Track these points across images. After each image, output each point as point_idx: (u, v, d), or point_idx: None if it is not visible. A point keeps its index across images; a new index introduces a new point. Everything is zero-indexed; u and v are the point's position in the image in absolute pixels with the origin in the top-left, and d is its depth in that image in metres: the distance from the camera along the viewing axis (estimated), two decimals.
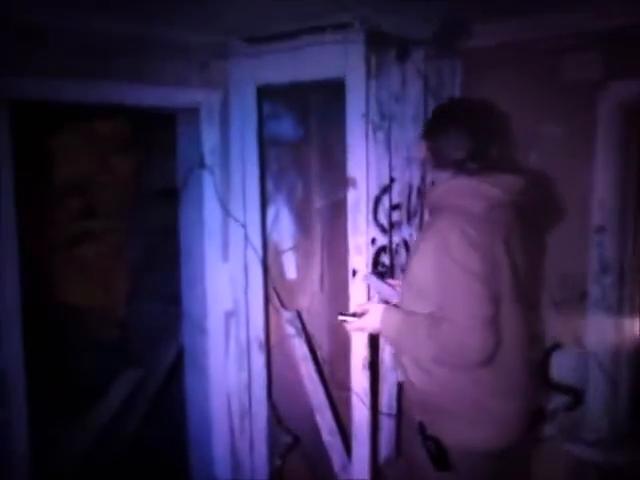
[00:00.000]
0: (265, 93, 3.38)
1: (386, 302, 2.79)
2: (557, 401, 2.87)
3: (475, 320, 2.23)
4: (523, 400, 2.49)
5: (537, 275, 3.07)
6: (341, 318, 2.70)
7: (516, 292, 2.41)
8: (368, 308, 2.63)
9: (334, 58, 2.98)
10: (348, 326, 2.68)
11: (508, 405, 2.44)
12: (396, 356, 2.75)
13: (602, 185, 2.94)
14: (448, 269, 2.28)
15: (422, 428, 2.48)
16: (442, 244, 2.29)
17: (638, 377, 3.21)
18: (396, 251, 3.11)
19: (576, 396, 2.67)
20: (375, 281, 2.91)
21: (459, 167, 2.45)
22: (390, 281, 2.92)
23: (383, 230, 3.04)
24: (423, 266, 2.38)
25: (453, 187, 2.44)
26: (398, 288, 2.77)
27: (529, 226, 2.57)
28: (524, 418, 2.51)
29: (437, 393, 2.43)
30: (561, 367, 3.13)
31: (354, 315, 2.68)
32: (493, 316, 2.26)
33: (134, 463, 4.14)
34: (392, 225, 3.08)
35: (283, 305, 3.61)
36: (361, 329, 2.69)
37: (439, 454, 2.41)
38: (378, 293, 2.92)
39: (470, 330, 2.23)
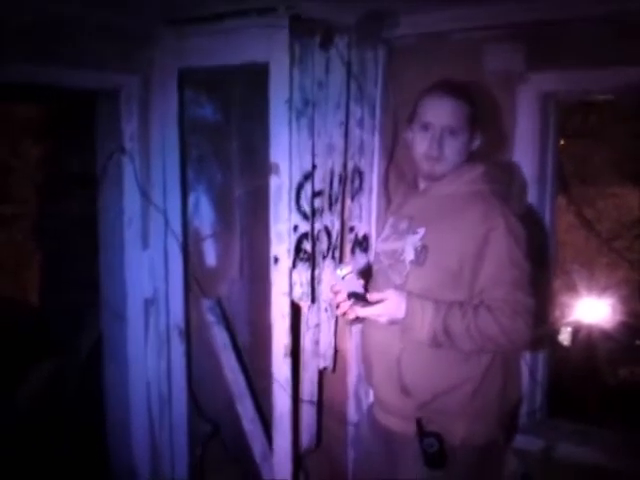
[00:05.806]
0: (187, 78, 3.33)
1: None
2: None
3: (522, 305, 2.26)
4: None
5: None
6: (354, 301, 2.32)
7: None
8: (386, 296, 2.32)
9: (258, 43, 2.95)
10: (361, 311, 2.33)
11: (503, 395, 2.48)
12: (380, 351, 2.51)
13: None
14: (510, 253, 2.28)
15: (420, 425, 2.38)
16: (502, 229, 2.29)
17: (553, 367, 3.32)
18: (318, 238, 3.10)
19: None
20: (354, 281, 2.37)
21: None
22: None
23: (305, 217, 3.02)
24: (464, 250, 2.31)
25: (485, 172, 2.47)
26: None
27: None
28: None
29: (451, 387, 2.39)
30: None
31: (368, 301, 2.31)
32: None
33: (51, 452, 4.06)
34: (314, 212, 3.06)
35: (203, 292, 3.58)
36: (379, 316, 2.32)
37: (439, 451, 2.33)
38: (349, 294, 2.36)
39: (519, 313, 2.24)
